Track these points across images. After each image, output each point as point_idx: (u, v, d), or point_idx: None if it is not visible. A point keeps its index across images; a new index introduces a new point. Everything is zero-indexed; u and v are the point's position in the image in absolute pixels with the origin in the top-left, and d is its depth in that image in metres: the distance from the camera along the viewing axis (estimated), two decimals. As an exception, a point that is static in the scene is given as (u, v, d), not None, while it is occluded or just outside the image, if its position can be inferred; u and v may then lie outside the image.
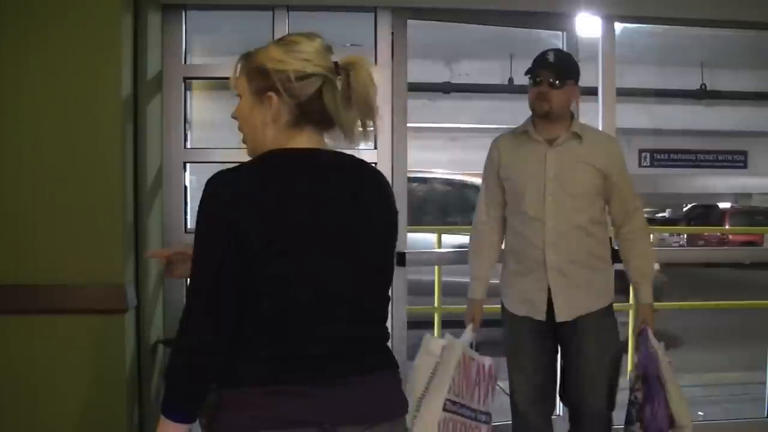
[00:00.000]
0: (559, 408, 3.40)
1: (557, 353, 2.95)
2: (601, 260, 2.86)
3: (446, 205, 7.90)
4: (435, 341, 2.82)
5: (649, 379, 2.78)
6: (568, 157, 2.81)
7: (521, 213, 2.85)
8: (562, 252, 2.78)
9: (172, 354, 1.54)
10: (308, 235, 1.50)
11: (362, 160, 1.65)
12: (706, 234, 16.85)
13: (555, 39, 3.62)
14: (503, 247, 3.02)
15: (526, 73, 2.85)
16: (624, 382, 2.95)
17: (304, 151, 1.57)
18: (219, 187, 1.51)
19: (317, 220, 1.51)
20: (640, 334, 2.88)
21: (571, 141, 2.82)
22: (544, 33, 3.79)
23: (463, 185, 7.66)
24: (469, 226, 3.13)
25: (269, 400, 1.47)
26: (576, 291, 2.80)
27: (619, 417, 2.92)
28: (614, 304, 2.93)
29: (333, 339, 1.53)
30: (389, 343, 1.65)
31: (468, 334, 2.90)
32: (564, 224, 2.78)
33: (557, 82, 2.77)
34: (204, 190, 1.52)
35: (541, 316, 2.82)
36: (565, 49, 3.37)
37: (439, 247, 6.01)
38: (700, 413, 4.29)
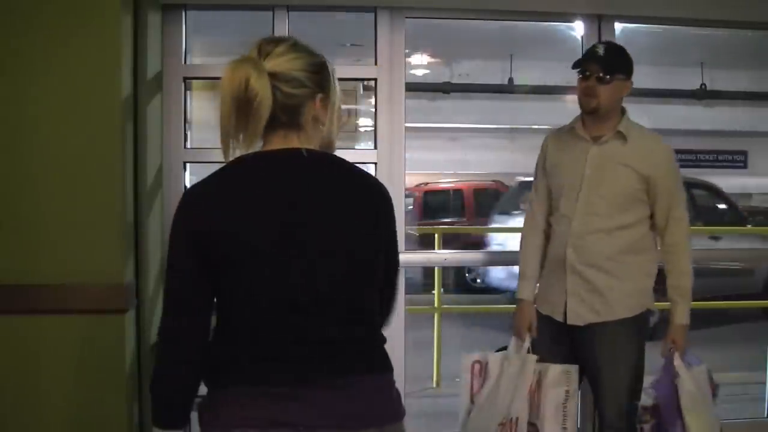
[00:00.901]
0: (577, 421, 3.34)
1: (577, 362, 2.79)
2: (629, 268, 2.70)
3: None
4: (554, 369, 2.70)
5: (661, 410, 2.62)
6: (608, 157, 2.69)
7: (556, 210, 2.79)
8: (582, 253, 2.69)
9: (152, 383, 1.58)
10: (294, 236, 1.50)
11: (346, 162, 1.62)
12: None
13: (550, 41, 3.60)
14: None
15: (574, 67, 2.74)
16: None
17: (283, 152, 1.56)
18: (194, 195, 1.56)
19: (303, 220, 1.51)
20: (667, 357, 2.68)
21: (615, 140, 2.71)
22: (544, 33, 3.79)
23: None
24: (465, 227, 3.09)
25: (252, 401, 1.47)
26: (592, 296, 2.69)
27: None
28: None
29: (322, 341, 1.51)
30: (385, 346, 1.64)
31: (526, 343, 2.79)
32: (589, 225, 2.68)
33: (607, 76, 2.66)
34: (179, 205, 1.57)
35: (560, 317, 2.75)
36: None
37: (439, 247, 6.04)
38: (700, 413, 4.28)
